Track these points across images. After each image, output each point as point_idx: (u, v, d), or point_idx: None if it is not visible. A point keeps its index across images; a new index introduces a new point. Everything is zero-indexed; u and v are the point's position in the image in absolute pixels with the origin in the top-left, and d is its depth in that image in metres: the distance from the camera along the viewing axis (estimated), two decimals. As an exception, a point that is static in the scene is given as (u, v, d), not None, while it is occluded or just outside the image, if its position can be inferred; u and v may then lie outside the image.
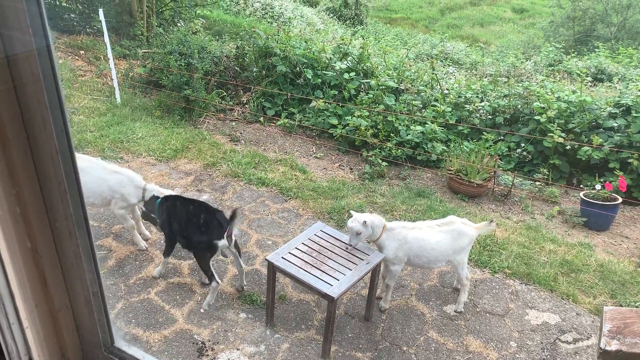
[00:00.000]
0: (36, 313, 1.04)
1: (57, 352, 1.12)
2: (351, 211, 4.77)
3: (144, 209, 5.13)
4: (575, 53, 18.02)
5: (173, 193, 5.26)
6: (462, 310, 4.93)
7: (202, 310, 4.72)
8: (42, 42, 0.89)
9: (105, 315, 1.15)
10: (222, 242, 4.52)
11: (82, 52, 11.07)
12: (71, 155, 0.96)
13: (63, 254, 1.05)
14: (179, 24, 12.80)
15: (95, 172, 5.14)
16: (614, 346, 2.38)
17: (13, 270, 0.93)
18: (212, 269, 4.63)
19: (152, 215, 5.07)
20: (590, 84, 11.58)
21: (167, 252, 4.99)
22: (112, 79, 9.28)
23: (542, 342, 4.63)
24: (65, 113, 0.92)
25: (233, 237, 4.58)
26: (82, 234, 1.04)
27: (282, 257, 4.39)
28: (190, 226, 4.64)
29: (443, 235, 4.69)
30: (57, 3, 12.30)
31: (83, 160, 5.23)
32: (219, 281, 4.69)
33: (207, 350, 4.32)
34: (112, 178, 5.14)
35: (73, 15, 11.92)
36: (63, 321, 1.11)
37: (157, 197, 4.97)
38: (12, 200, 0.92)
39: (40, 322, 1.05)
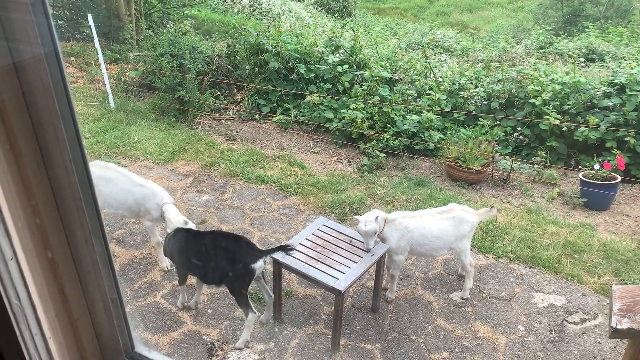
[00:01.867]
0: (57, 323, 1.03)
1: (79, 359, 1.12)
2: (355, 216, 4.75)
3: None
4: (566, 34, 18.02)
5: (185, 220, 4.86)
6: (469, 296, 4.95)
7: (237, 347, 4.37)
8: (51, 52, 0.89)
9: (124, 321, 1.14)
10: (260, 264, 4.19)
11: (72, 58, 11.01)
12: (84, 164, 0.95)
13: (80, 262, 1.04)
14: (168, 25, 12.75)
15: (122, 183, 4.99)
16: (625, 324, 2.39)
17: (33, 281, 0.93)
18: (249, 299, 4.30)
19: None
20: (582, 64, 11.60)
21: (182, 281, 4.66)
22: (105, 84, 9.24)
23: (549, 324, 4.66)
24: (77, 121, 0.92)
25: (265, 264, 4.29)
26: (98, 241, 1.04)
27: (287, 254, 4.39)
28: (219, 258, 4.33)
29: (444, 223, 4.71)
30: (45, 10, 12.19)
31: (111, 170, 5.08)
32: (256, 312, 4.33)
33: (216, 350, 4.33)
34: (136, 191, 4.97)
35: (61, 22, 11.84)
36: (82, 329, 1.11)
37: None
38: (29, 212, 0.92)
39: (60, 330, 1.05)
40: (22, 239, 0.90)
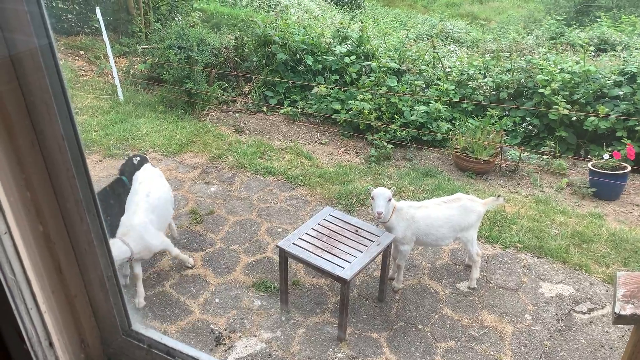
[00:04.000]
0: (53, 299, 1.05)
1: (76, 337, 1.14)
2: (370, 187, 4.74)
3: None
4: (577, 24, 17.83)
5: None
6: (475, 286, 4.95)
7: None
8: (44, 36, 0.90)
9: (121, 299, 1.16)
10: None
11: (81, 52, 11.08)
12: (77, 141, 0.96)
13: (75, 239, 1.06)
14: (176, 19, 12.78)
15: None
16: (628, 310, 2.38)
17: (28, 257, 0.95)
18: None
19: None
20: (593, 54, 11.47)
21: None
22: (114, 77, 9.30)
23: (556, 314, 4.64)
24: (69, 99, 0.93)
25: None
26: (92, 219, 1.05)
27: (293, 243, 4.41)
28: None
29: (450, 212, 4.69)
30: (54, 4, 12.29)
31: (154, 176, 5.01)
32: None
33: (224, 339, 4.37)
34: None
35: (70, 16, 11.92)
36: (80, 306, 1.13)
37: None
38: (22, 186, 0.93)
39: (57, 307, 1.07)
40: (16, 215, 0.91)
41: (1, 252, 0.89)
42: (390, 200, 4.48)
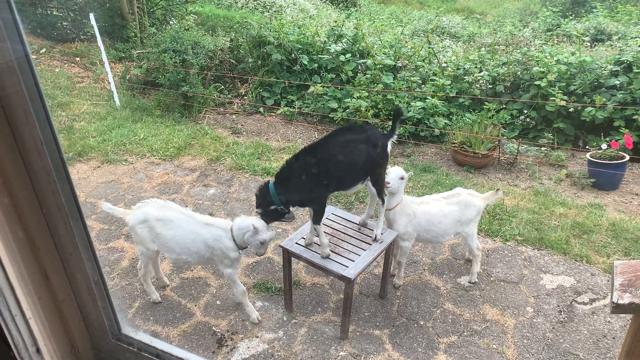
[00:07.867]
0: (39, 305, 1.05)
1: (66, 342, 1.14)
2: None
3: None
4: (573, 15, 17.82)
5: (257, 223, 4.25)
6: (476, 280, 4.94)
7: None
8: (18, 41, 0.89)
9: (109, 303, 1.16)
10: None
11: (77, 58, 11.08)
12: (56, 146, 0.96)
13: (60, 245, 1.06)
14: (171, 22, 12.77)
15: (187, 224, 4.36)
16: (626, 299, 2.37)
17: (10, 262, 0.94)
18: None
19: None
20: (589, 44, 11.45)
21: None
22: (110, 83, 9.30)
23: (558, 305, 4.63)
24: (46, 104, 0.93)
25: None
26: (76, 223, 1.05)
27: (296, 243, 4.40)
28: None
29: (450, 208, 4.69)
30: (49, 12, 12.29)
31: (172, 211, 4.44)
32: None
33: (226, 341, 4.36)
34: (206, 232, 4.35)
35: (65, 23, 11.91)
36: (68, 312, 1.13)
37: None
38: (5, 194, 0.93)
39: (44, 313, 1.06)
40: (-5, 221, 0.91)
41: (-18, 260, 0.89)
42: (402, 178, 4.46)
